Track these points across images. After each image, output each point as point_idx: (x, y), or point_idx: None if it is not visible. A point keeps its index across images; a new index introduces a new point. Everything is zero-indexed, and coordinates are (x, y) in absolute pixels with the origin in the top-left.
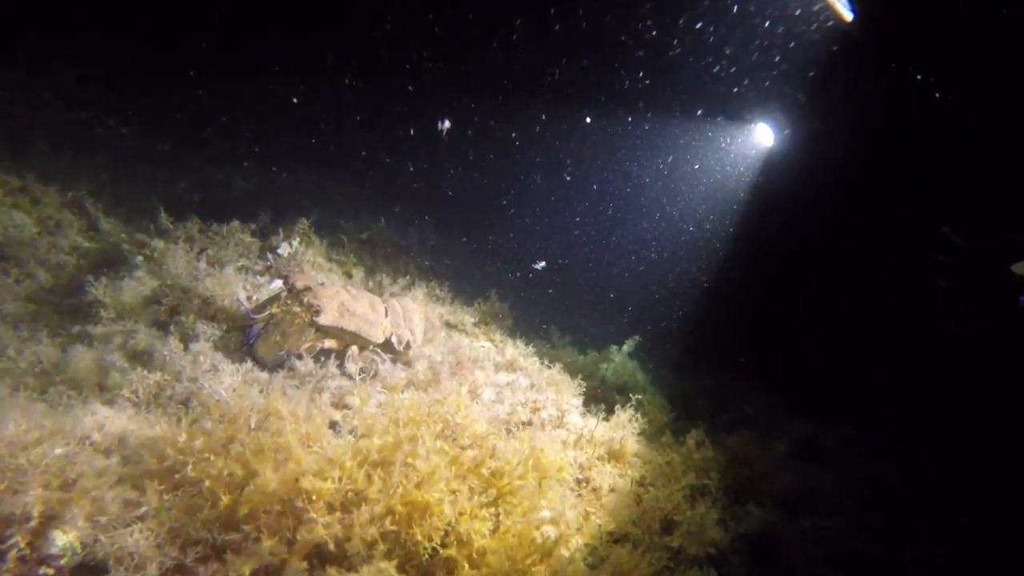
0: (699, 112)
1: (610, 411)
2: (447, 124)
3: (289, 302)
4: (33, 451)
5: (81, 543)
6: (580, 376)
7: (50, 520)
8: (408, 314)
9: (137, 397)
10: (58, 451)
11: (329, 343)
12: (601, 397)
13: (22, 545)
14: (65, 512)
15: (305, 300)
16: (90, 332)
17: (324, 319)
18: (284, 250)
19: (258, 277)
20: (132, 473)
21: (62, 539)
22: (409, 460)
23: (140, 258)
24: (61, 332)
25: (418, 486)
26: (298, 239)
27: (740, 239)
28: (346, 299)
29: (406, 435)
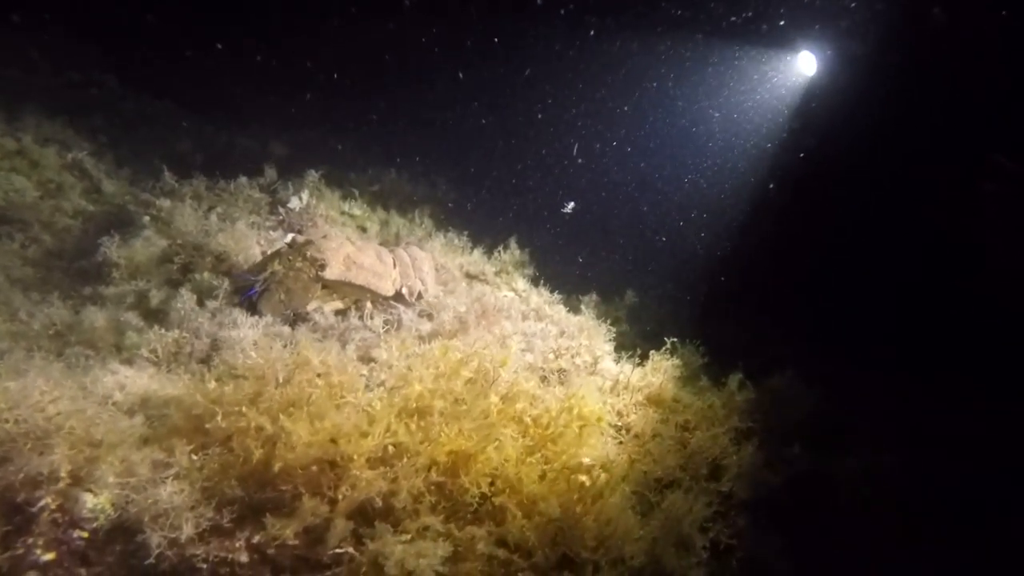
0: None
1: (644, 356)
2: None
3: (291, 258)
4: (57, 412)
5: (113, 504)
6: (609, 321)
7: (79, 481)
8: (417, 263)
9: (156, 356)
10: (88, 411)
11: (332, 304)
12: (630, 344)
13: (52, 507)
14: (94, 473)
15: (308, 254)
16: (102, 293)
17: (330, 273)
18: (295, 204)
19: (271, 232)
20: (158, 433)
21: (93, 501)
22: (449, 409)
23: (147, 218)
24: (73, 294)
25: (460, 434)
26: (308, 192)
27: (777, 176)
28: (351, 251)
29: (445, 384)
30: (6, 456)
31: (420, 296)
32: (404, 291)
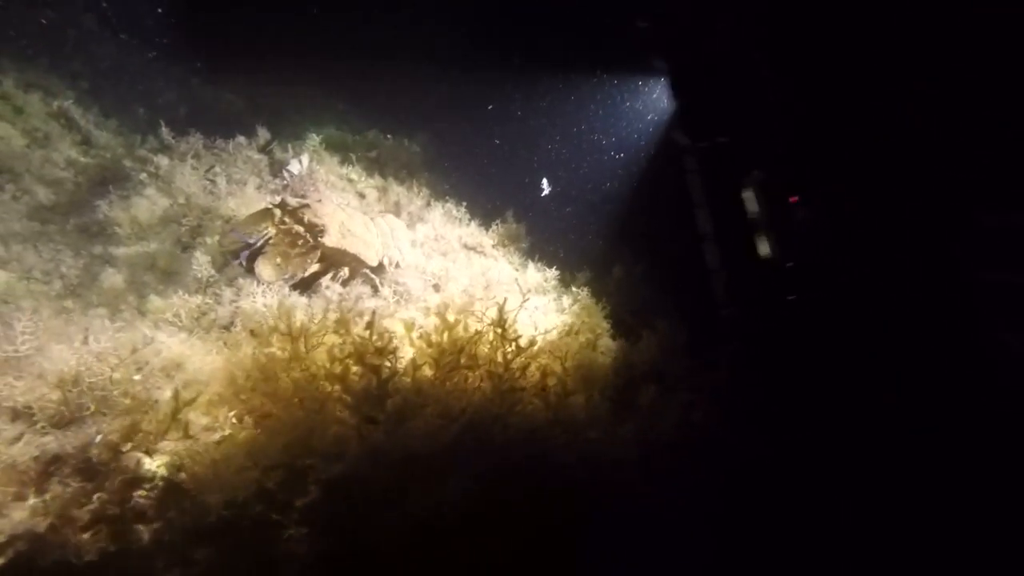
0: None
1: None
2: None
3: (287, 220)
4: (116, 373)
5: (168, 466)
6: (604, 299)
7: (138, 444)
8: (395, 232)
9: (180, 321)
10: (137, 377)
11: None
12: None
13: (117, 466)
14: (149, 437)
15: (306, 219)
16: (113, 253)
17: (329, 240)
18: (296, 168)
19: (276, 196)
20: (200, 399)
21: (151, 464)
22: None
23: (144, 175)
24: (83, 253)
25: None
26: (308, 156)
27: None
28: (344, 218)
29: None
30: (81, 417)
31: (397, 265)
32: (385, 260)
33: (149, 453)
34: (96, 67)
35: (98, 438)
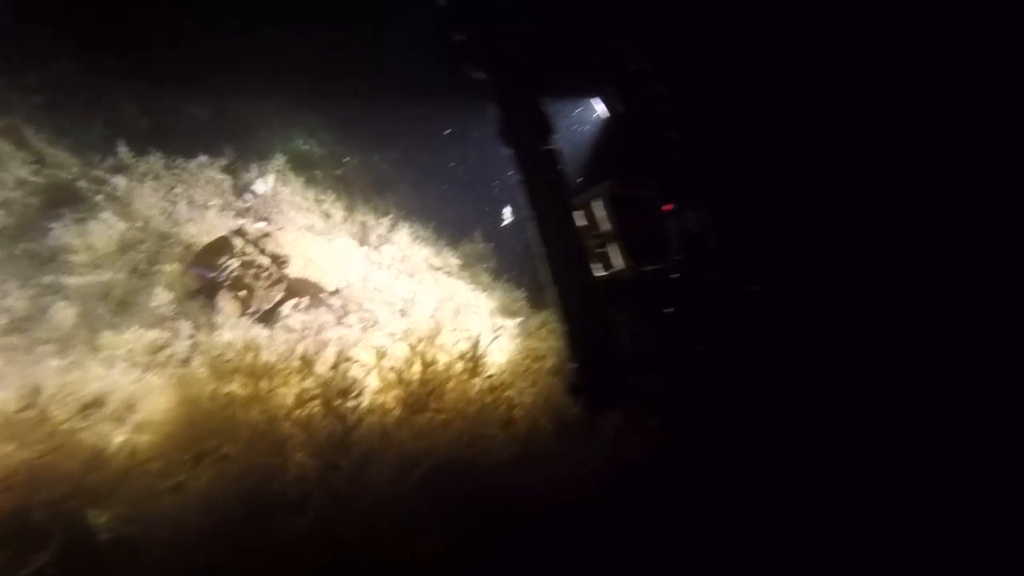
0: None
1: None
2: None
3: (249, 251)
4: (61, 426)
5: (118, 519)
6: None
7: (85, 499)
8: (349, 255)
9: (135, 357)
10: (83, 423)
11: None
12: None
13: (63, 525)
14: (98, 488)
15: (269, 249)
16: (64, 283)
17: (293, 270)
18: (261, 187)
19: (238, 220)
20: (151, 442)
21: (98, 518)
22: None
23: (101, 196)
24: (30, 282)
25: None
26: (273, 177)
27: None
28: (306, 244)
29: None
30: (19, 474)
31: (349, 287)
32: (340, 283)
33: (95, 506)
34: (49, 79)
35: (40, 495)
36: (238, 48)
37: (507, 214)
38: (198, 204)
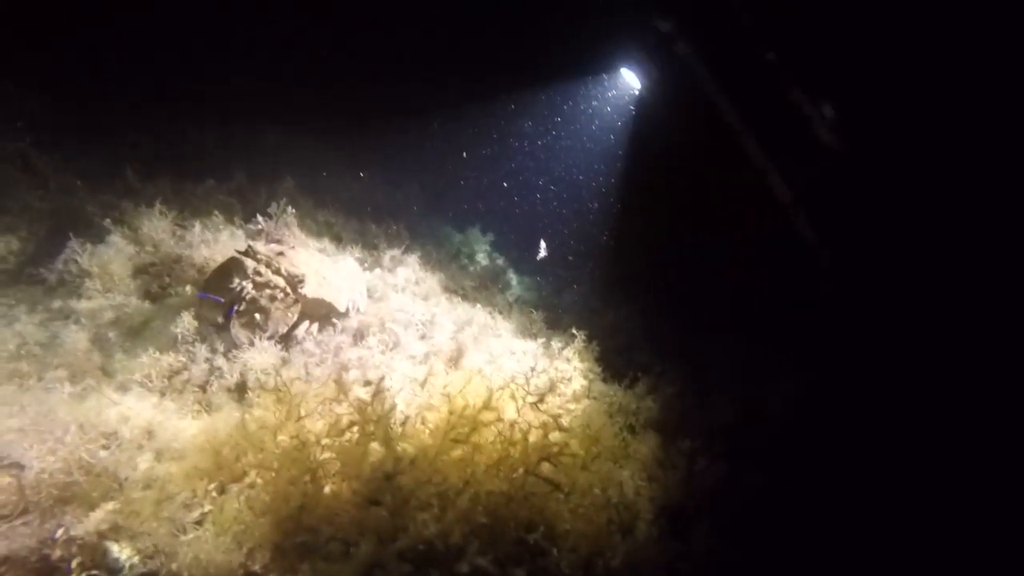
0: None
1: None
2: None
3: (261, 272)
4: (74, 457)
5: (140, 554)
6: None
7: (105, 532)
8: (352, 275)
9: (151, 382)
10: (102, 453)
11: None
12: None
13: (80, 561)
14: (119, 521)
15: (284, 269)
16: (74, 307)
17: (309, 289)
18: (271, 211)
19: (251, 242)
20: (173, 471)
21: (120, 553)
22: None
23: (108, 220)
24: (39, 308)
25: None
26: (284, 199)
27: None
28: (318, 264)
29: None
30: (33, 511)
31: (359, 310)
32: (350, 305)
33: (117, 540)
34: (54, 104)
35: (58, 532)
36: (242, 74)
37: (543, 248)
38: (209, 227)
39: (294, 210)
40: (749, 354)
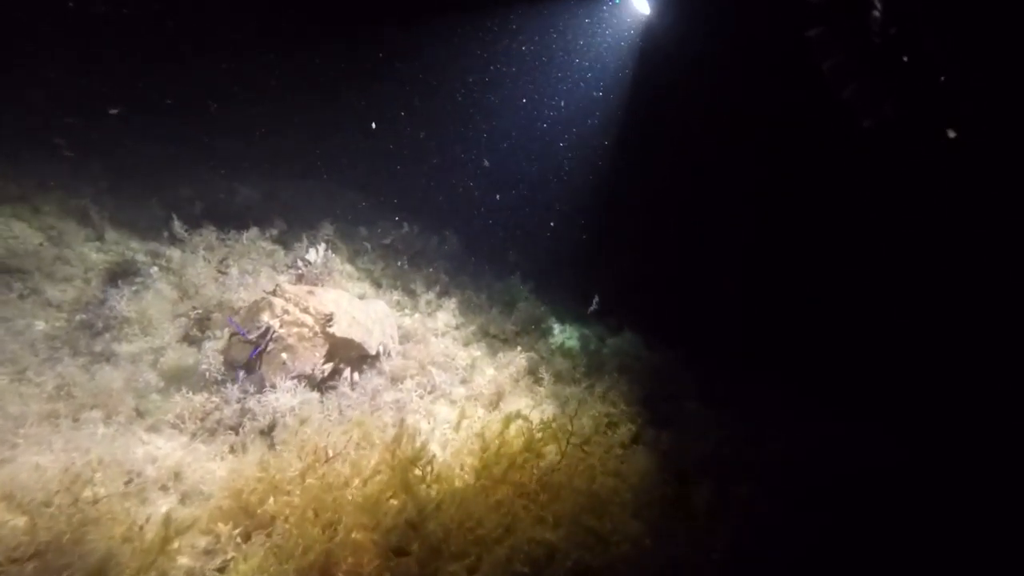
0: None
1: None
2: None
3: (289, 311)
4: (96, 497)
5: None
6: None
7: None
8: (383, 318)
9: (183, 423)
10: (120, 489)
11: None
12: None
13: None
14: (134, 565)
15: (311, 307)
16: (115, 350)
17: (338, 328)
18: (312, 256)
19: (279, 282)
20: (196, 515)
21: None
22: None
23: (155, 268)
24: (82, 351)
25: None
26: (324, 245)
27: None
28: (347, 304)
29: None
30: (49, 551)
31: (389, 354)
32: (380, 348)
33: None
34: (113, 163)
35: (73, 571)
36: (284, 133)
37: (595, 303)
38: (250, 272)
39: (335, 255)
40: (792, 396)
